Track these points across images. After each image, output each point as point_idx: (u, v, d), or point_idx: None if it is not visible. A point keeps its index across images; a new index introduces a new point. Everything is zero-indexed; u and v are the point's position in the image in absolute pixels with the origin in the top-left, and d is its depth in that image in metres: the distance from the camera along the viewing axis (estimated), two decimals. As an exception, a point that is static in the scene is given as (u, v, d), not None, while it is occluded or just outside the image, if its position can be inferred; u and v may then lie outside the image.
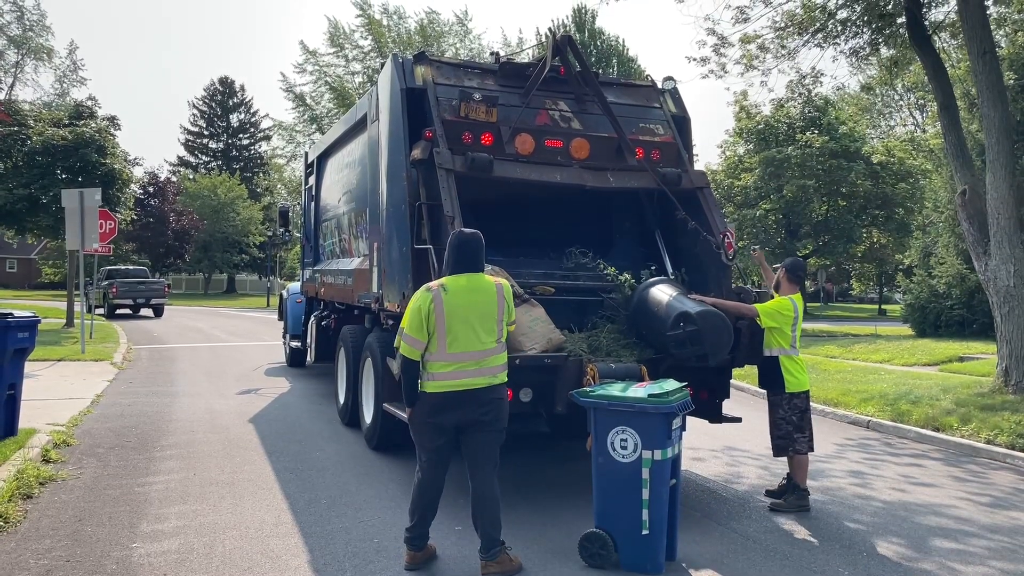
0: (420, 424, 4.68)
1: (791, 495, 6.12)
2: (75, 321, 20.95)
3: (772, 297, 6.34)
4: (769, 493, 6.39)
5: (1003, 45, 15.44)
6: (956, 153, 11.92)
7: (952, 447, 8.70)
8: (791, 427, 6.11)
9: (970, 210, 11.52)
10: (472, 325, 4.58)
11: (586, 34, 41.11)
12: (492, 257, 6.42)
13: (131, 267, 34.60)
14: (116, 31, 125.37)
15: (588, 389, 4.97)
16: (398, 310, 6.81)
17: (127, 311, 29.53)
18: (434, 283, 4.72)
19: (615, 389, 4.87)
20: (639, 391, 4.74)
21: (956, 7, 11.77)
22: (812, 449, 6.20)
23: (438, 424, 4.61)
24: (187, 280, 60.72)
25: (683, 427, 5.03)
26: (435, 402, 4.59)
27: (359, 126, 8.73)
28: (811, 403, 6.35)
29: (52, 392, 10.41)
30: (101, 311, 27.85)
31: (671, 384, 4.98)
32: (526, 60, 8.07)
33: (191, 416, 9.31)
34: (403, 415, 6.58)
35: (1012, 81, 15.85)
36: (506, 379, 4.74)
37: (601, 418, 4.77)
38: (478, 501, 4.64)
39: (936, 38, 12.95)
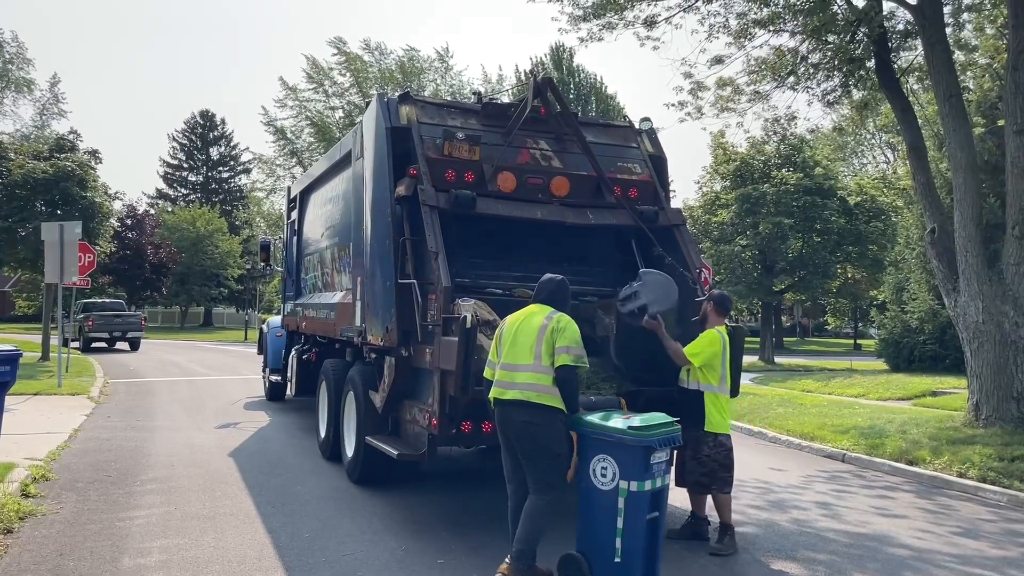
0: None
1: (726, 536, 5.91)
2: (51, 355, 20.73)
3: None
4: (671, 534, 6.01)
5: (971, 88, 15.87)
6: (925, 192, 12.24)
7: (924, 480, 8.85)
8: (716, 465, 5.92)
9: (939, 248, 11.81)
10: (516, 341, 5.03)
11: (564, 71, 41.79)
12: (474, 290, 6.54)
13: (107, 300, 34.22)
14: (97, 64, 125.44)
15: (575, 416, 5.02)
16: (381, 343, 6.89)
17: (103, 344, 29.23)
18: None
19: (596, 417, 4.96)
20: (621, 422, 4.81)
21: (923, 52, 12.18)
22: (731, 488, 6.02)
23: (502, 436, 5.05)
24: (163, 313, 60.04)
25: (670, 461, 5.06)
26: (495, 414, 5.08)
27: (343, 162, 8.87)
28: (788, 436, 6.29)
29: (29, 426, 10.30)
30: (76, 344, 27.52)
31: (660, 418, 4.96)
32: (507, 100, 8.26)
33: (170, 450, 9.27)
34: (385, 448, 6.66)
35: (981, 122, 16.30)
36: (542, 401, 4.87)
37: (585, 444, 4.90)
38: (519, 511, 4.97)
39: (905, 81, 13.36)
